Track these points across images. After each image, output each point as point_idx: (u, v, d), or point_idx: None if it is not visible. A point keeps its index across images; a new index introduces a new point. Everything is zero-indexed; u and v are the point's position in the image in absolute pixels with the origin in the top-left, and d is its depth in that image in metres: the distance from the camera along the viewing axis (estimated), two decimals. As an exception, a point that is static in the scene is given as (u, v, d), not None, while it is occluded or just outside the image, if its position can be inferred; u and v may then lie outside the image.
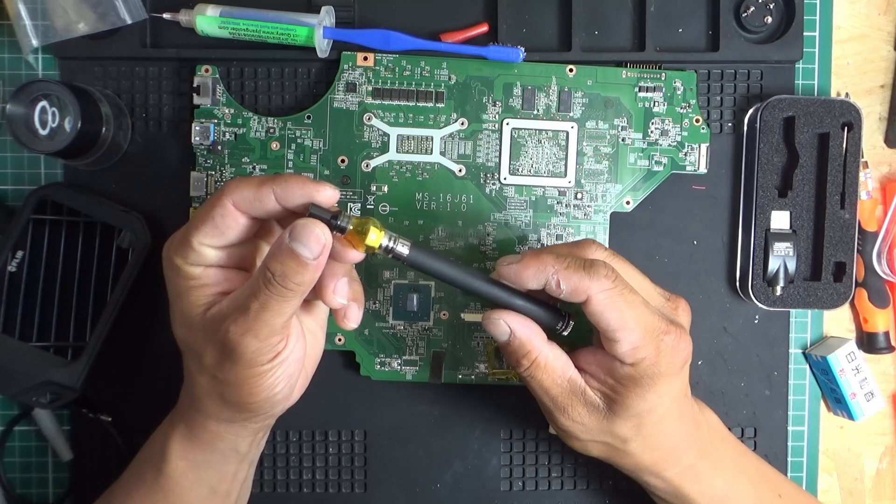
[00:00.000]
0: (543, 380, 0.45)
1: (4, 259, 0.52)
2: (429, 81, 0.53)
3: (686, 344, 0.44)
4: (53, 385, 0.51)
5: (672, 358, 0.43)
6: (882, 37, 0.57)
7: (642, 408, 0.44)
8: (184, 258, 0.41)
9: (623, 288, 0.43)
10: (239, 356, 0.40)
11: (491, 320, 0.44)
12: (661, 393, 0.44)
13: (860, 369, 0.55)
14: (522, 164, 0.54)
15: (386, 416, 0.55)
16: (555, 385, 0.45)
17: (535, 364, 0.44)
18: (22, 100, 0.48)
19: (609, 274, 0.43)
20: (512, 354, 0.45)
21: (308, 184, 0.40)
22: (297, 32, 0.51)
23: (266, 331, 0.40)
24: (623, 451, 0.46)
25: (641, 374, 0.43)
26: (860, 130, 0.53)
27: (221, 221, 0.41)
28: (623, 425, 0.45)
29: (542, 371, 0.45)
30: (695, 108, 0.54)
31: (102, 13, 0.51)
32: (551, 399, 0.45)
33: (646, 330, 0.43)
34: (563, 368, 0.45)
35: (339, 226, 0.39)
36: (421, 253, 0.42)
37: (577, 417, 0.45)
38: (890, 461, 0.58)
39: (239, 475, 0.48)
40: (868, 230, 0.55)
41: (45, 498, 0.56)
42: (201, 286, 0.42)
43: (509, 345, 0.45)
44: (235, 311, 0.40)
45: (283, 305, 0.40)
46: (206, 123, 0.53)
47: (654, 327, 0.43)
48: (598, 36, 0.55)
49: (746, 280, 0.54)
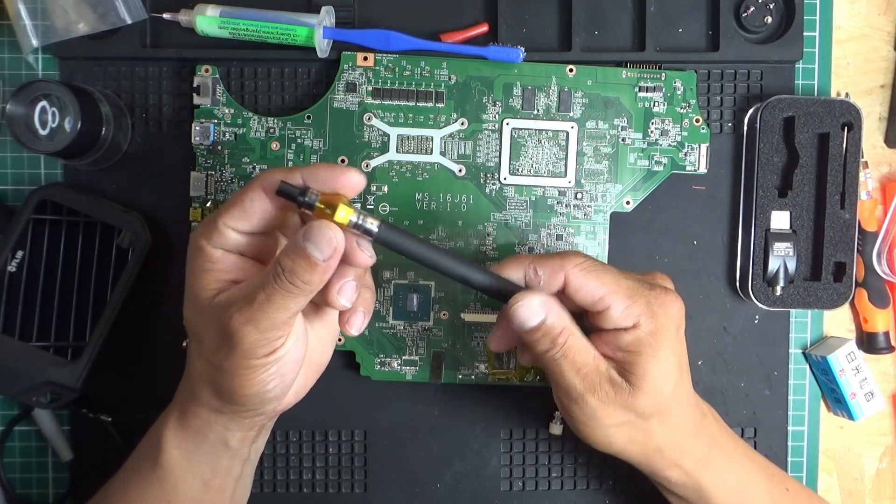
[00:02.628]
0: (577, 359, 0.44)
1: (4, 259, 0.52)
2: (429, 81, 0.53)
3: (675, 298, 0.45)
4: (53, 385, 0.51)
5: (666, 310, 0.44)
6: (882, 37, 0.57)
7: (656, 372, 0.44)
8: (207, 239, 0.42)
9: (596, 262, 0.45)
10: (236, 344, 0.41)
11: (522, 304, 0.44)
12: (667, 350, 0.44)
13: (860, 369, 0.55)
14: (522, 164, 0.54)
15: (386, 416, 0.55)
16: (586, 363, 0.44)
17: (568, 344, 0.44)
18: (22, 100, 0.48)
19: (579, 253, 0.45)
20: (544, 337, 0.44)
21: (335, 168, 0.41)
22: (297, 32, 0.51)
23: (267, 323, 0.40)
24: (646, 430, 0.46)
25: (644, 333, 0.44)
26: (860, 130, 0.53)
27: (250, 205, 0.41)
28: (644, 398, 0.44)
29: (574, 350, 0.44)
30: (695, 108, 0.54)
31: (102, 13, 0.51)
32: (583, 377, 0.44)
33: (629, 289, 0.44)
34: (588, 347, 0.45)
35: (307, 202, 0.40)
36: (391, 231, 0.41)
37: (605, 396, 0.44)
38: (890, 461, 0.58)
39: (232, 472, 0.48)
40: (868, 230, 0.55)
41: (45, 498, 0.56)
42: (217, 270, 0.42)
43: (541, 327, 0.44)
44: (241, 300, 0.41)
45: (289, 301, 0.40)
46: (206, 123, 0.53)
47: (637, 286, 0.44)
48: (598, 36, 0.55)
49: (746, 280, 0.54)
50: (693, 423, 0.47)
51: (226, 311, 0.41)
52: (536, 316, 0.44)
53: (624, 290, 0.44)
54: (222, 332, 0.41)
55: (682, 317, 0.45)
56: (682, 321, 0.45)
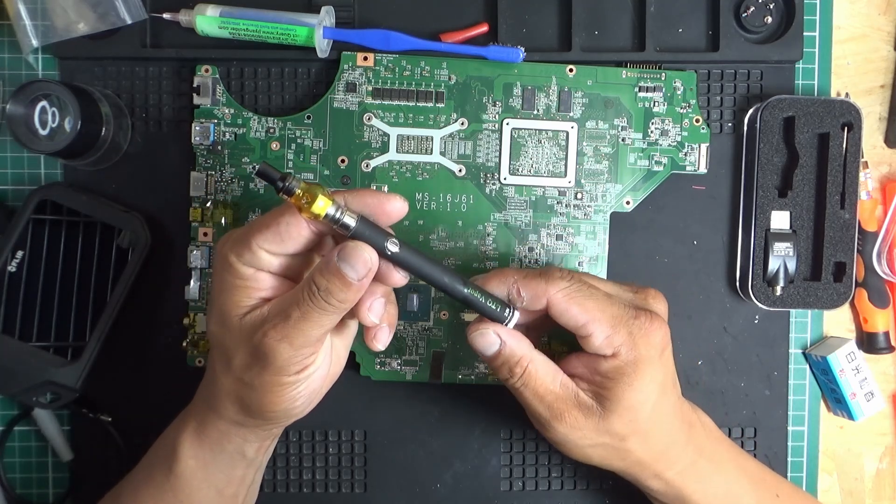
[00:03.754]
0: (538, 387, 0.45)
1: (4, 259, 0.52)
2: (429, 81, 0.53)
3: (659, 326, 0.45)
4: (53, 385, 0.51)
5: (648, 340, 0.44)
6: (882, 37, 0.57)
7: (633, 398, 0.44)
8: (238, 256, 0.41)
9: (581, 284, 0.45)
10: (270, 362, 0.41)
11: (478, 332, 0.45)
12: (646, 379, 0.44)
13: (860, 369, 0.55)
14: (522, 164, 0.54)
15: (386, 416, 0.55)
16: (549, 391, 0.45)
17: (528, 372, 0.45)
18: (22, 100, 0.48)
19: (564, 275, 0.45)
20: (503, 365, 0.45)
21: (379, 195, 0.42)
22: (297, 32, 0.51)
23: (301, 340, 0.41)
24: (623, 449, 0.46)
25: (623, 363, 0.44)
26: (860, 130, 0.53)
27: (286, 229, 0.41)
28: (618, 421, 0.45)
29: (534, 378, 0.45)
30: (695, 108, 0.54)
31: (102, 13, 0.51)
32: (547, 406, 0.45)
33: (613, 317, 0.44)
34: (554, 374, 0.45)
35: (287, 187, 0.39)
36: (367, 227, 0.41)
37: (574, 422, 0.45)
38: (890, 461, 0.58)
39: (246, 479, 0.48)
40: (868, 230, 0.55)
41: (45, 498, 0.56)
42: (248, 287, 0.42)
43: (499, 356, 0.45)
44: (276, 317, 0.41)
45: (324, 318, 0.40)
46: (206, 123, 0.53)
47: (621, 314, 0.44)
48: (598, 36, 0.55)
49: (746, 280, 0.54)
50: (678, 436, 0.47)
51: (259, 329, 0.41)
52: (492, 345, 0.44)
53: (607, 319, 0.44)
54: (255, 349, 0.41)
55: (666, 342, 0.45)
56: (666, 346, 0.45)
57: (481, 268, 0.54)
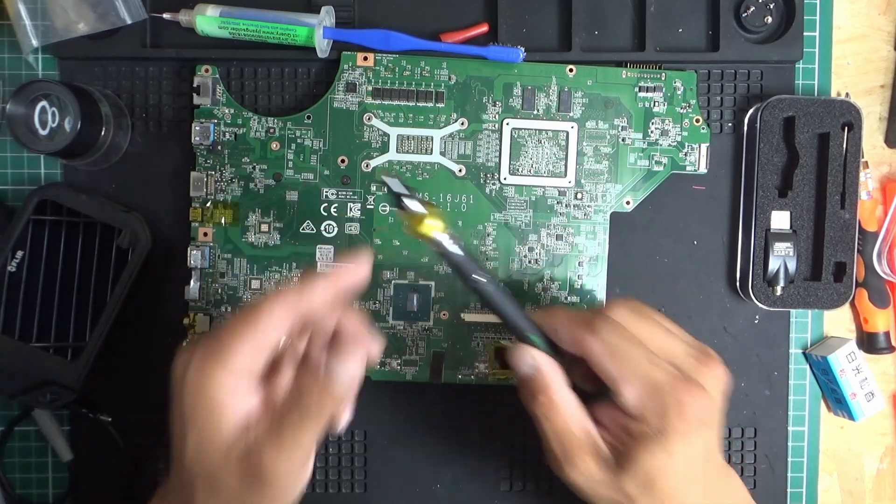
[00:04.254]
0: (557, 422, 0.43)
1: (4, 259, 0.52)
2: (429, 81, 0.53)
3: (701, 402, 0.42)
4: (53, 385, 0.51)
5: (682, 413, 0.41)
6: (882, 37, 0.57)
7: (652, 465, 0.41)
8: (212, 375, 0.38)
9: (624, 341, 0.42)
10: (272, 483, 0.39)
11: (519, 350, 0.44)
12: (672, 452, 0.41)
13: (860, 369, 0.55)
14: (522, 164, 0.54)
15: (386, 416, 0.55)
16: (567, 431, 0.43)
17: (551, 402, 0.43)
18: (22, 100, 0.48)
19: (609, 328, 0.42)
20: (530, 389, 0.44)
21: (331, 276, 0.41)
22: (297, 32, 0.51)
23: (300, 453, 0.39)
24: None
25: (649, 430, 0.42)
26: (860, 130, 0.53)
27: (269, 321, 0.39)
28: (631, 483, 0.42)
29: (556, 412, 0.43)
30: (695, 108, 0.54)
31: (102, 13, 0.51)
32: (562, 446, 0.43)
33: (649, 383, 0.42)
34: (578, 416, 0.43)
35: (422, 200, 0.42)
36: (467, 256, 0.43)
37: (586, 470, 0.42)
38: (890, 461, 0.58)
39: None
40: (868, 230, 0.55)
41: (45, 498, 0.56)
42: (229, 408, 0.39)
43: (530, 379, 0.44)
44: (269, 434, 0.39)
45: (322, 422, 0.39)
46: (206, 123, 0.53)
47: (659, 382, 0.42)
48: (598, 36, 0.55)
49: (746, 280, 0.54)
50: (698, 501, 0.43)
51: (253, 453, 0.38)
52: (526, 366, 0.44)
53: (642, 384, 0.42)
54: (249, 473, 0.39)
55: (705, 418, 0.42)
56: (705, 422, 0.42)
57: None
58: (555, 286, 0.54)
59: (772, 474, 0.56)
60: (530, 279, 0.54)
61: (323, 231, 0.53)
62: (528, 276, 0.54)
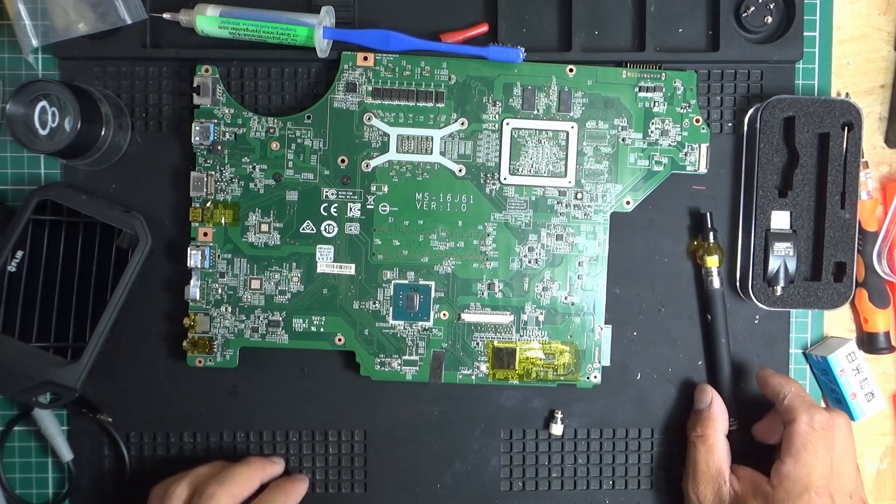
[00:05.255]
0: (701, 452, 0.52)
1: (4, 259, 0.52)
2: (429, 81, 0.53)
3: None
4: (53, 385, 0.51)
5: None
6: (882, 37, 0.57)
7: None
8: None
9: (823, 437, 0.49)
10: None
11: (703, 387, 0.54)
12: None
13: (860, 369, 0.55)
14: (522, 164, 0.54)
15: (386, 416, 0.55)
16: (705, 463, 0.52)
17: (704, 437, 0.52)
18: (22, 100, 0.48)
19: (823, 422, 0.49)
20: (696, 419, 0.53)
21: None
22: (297, 32, 0.51)
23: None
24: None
25: (771, 497, 0.49)
26: (860, 130, 0.53)
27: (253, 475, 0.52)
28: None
29: (704, 446, 0.52)
30: (695, 108, 0.54)
31: (102, 13, 0.51)
32: (696, 470, 0.52)
33: (809, 474, 0.48)
34: (720, 457, 0.52)
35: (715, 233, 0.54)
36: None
37: (702, 496, 0.52)
38: (890, 461, 0.58)
39: None
40: (868, 230, 0.55)
41: (45, 498, 0.56)
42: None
43: (701, 413, 0.53)
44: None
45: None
46: (206, 123, 0.53)
47: (816, 486, 0.48)
48: (598, 36, 0.55)
49: (746, 280, 0.54)
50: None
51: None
52: (704, 401, 0.53)
53: (803, 469, 0.48)
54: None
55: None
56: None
57: (481, 268, 0.54)
58: (555, 286, 0.54)
59: (772, 474, 0.56)
60: (530, 279, 0.54)
61: (323, 231, 0.53)
62: (528, 276, 0.54)
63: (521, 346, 0.54)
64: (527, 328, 0.54)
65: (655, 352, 0.56)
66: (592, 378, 0.54)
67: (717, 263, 0.54)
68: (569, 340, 0.54)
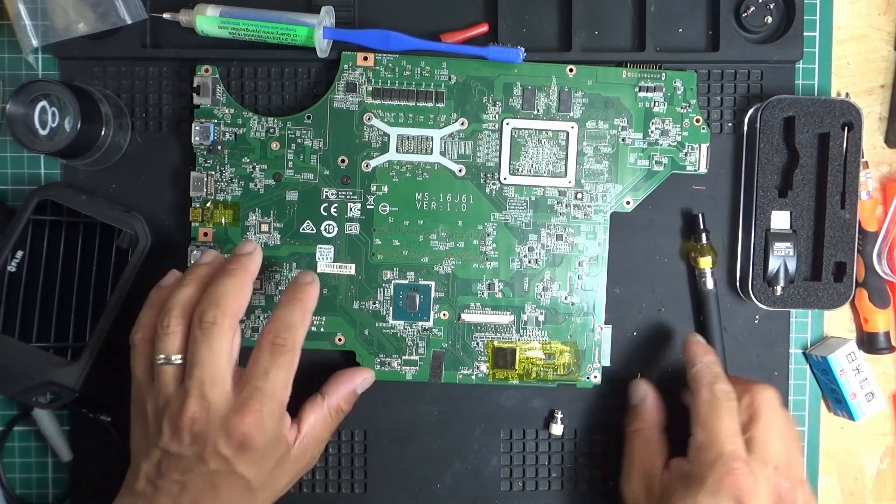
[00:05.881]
0: (636, 448, 0.52)
1: (4, 259, 0.52)
2: (429, 81, 0.53)
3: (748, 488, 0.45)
4: (53, 385, 0.51)
5: (721, 480, 0.45)
6: (882, 37, 0.57)
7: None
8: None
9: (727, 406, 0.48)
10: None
11: (638, 384, 0.54)
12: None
13: (861, 369, 0.55)
14: (522, 164, 0.54)
15: (386, 416, 0.55)
16: (640, 458, 0.51)
17: (639, 431, 0.52)
18: (22, 100, 0.48)
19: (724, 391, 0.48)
20: (631, 414, 0.53)
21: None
22: (297, 32, 0.51)
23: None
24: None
25: (690, 474, 0.47)
26: (860, 130, 0.53)
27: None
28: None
29: (641, 441, 0.52)
30: (695, 108, 0.54)
31: (102, 13, 0.51)
32: (630, 465, 0.52)
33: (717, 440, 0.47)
34: (655, 452, 0.51)
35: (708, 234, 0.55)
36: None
37: (635, 491, 0.51)
38: (890, 461, 0.58)
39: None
40: (868, 230, 0.55)
41: (45, 498, 0.56)
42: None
43: (636, 407, 0.53)
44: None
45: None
46: (206, 123, 0.53)
47: (728, 451, 0.46)
48: (598, 36, 0.55)
49: (746, 280, 0.54)
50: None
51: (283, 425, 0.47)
52: (636, 395, 0.53)
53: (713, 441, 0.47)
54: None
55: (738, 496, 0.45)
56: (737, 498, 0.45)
57: (481, 268, 0.54)
58: (555, 286, 0.54)
59: (772, 474, 0.56)
60: (530, 279, 0.54)
61: (323, 231, 0.53)
62: (528, 276, 0.54)
63: (521, 346, 0.54)
64: (527, 328, 0.54)
65: (655, 352, 0.56)
66: (592, 378, 0.54)
67: (710, 264, 0.54)
68: (569, 340, 0.54)
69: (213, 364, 0.45)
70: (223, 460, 0.45)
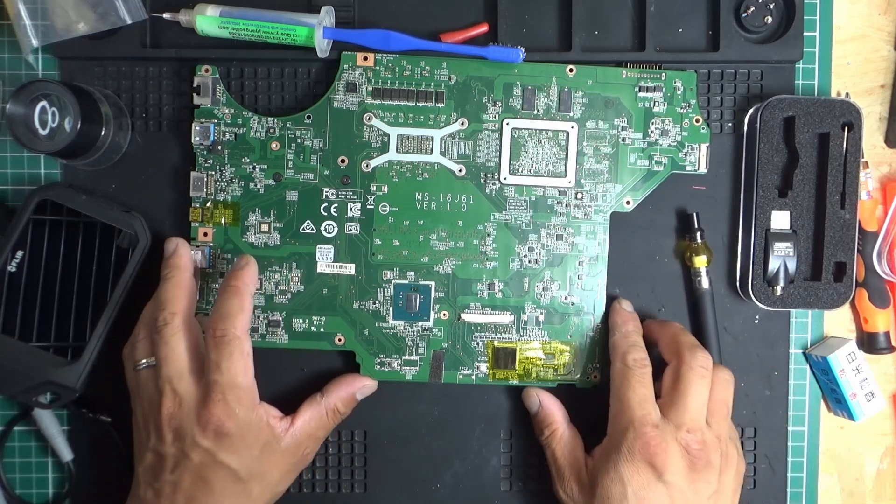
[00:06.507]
0: (556, 450, 0.52)
1: (4, 259, 0.52)
2: (429, 81, 0.53)
3: (657, 449, 0.47)
4: (53, 385, 0.51)
5: (632, 446, 0.47)
6: (882, 37, 0.57)
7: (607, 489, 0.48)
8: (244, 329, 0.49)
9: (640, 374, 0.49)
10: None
11: (526, 392, 0.54)
12: (618, 476, 0.47)
13: (860, 369, 0.55)
14: (522, 164, 0.54)
15: (386, 416, 0.55)
16: (563, 457, 0.52)
17: (553, 435, 0.52)
18: (22, 100, 0.48)
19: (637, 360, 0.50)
20: (538, 423, 0.53)
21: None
22: (297, 32, 0.51)
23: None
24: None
25: (608, 448, 0.49)
26: (860, 130, 0.53)
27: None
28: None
29: (557, 442, 0.52)
30: (695, 108, 0.54)
31: (102, 13, 0.51)
32: (557, 468, 0.52)
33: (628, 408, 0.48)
34: (573, 446, 0.52)
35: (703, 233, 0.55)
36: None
37: (570, 490, 0.51)
38: (890, 461, 0.58)
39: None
40: (868, 230, 0.55)
41: (45, 498, 0.56)
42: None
43: (537, 415, 0.53)
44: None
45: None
46: (206, 123, 0.53)
47: (638, 417, 0.48)
48: (598, 36, 0.55)
49: (746, 280, 0.54)
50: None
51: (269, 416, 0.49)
52: (533, 405, 0.54)
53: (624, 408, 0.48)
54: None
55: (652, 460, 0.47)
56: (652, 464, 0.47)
57: (481, 268, 0.54)
58: (555, 286, 0.54)
59: (772, 474, 0.56)
60: (530, 279, 0.54)
61: (323, 231, 0.53)
62: (528, 276, 0.54)
63: (521, 346, 0.54)
64: (527, 328, 0.54)
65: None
66: (592, 378, 0.54)
67: (704, 264, 0.54)
68: (569, 340, 0.54)
69: (174, 359, 0.48)
70: (204, 452, 0.46)
